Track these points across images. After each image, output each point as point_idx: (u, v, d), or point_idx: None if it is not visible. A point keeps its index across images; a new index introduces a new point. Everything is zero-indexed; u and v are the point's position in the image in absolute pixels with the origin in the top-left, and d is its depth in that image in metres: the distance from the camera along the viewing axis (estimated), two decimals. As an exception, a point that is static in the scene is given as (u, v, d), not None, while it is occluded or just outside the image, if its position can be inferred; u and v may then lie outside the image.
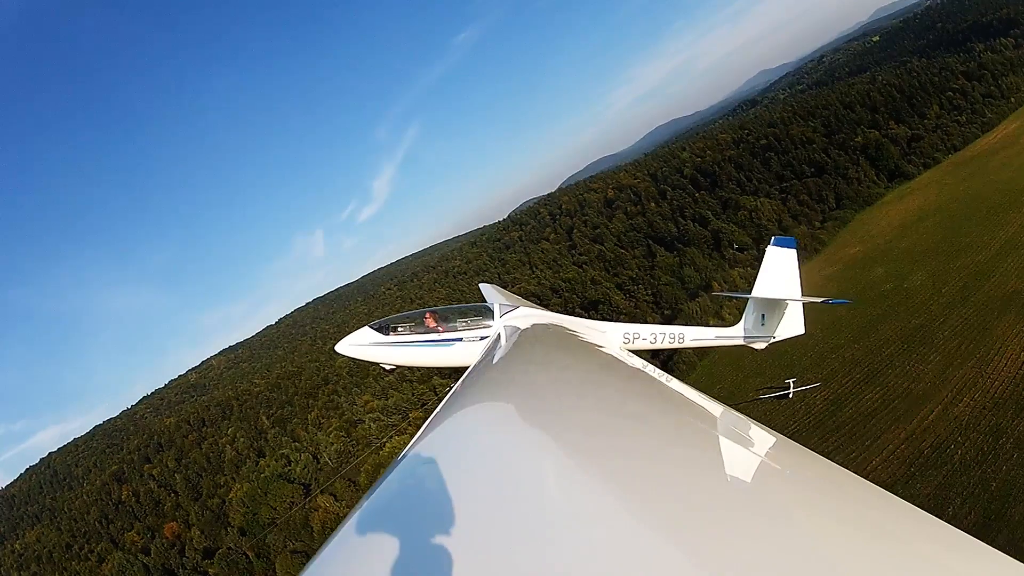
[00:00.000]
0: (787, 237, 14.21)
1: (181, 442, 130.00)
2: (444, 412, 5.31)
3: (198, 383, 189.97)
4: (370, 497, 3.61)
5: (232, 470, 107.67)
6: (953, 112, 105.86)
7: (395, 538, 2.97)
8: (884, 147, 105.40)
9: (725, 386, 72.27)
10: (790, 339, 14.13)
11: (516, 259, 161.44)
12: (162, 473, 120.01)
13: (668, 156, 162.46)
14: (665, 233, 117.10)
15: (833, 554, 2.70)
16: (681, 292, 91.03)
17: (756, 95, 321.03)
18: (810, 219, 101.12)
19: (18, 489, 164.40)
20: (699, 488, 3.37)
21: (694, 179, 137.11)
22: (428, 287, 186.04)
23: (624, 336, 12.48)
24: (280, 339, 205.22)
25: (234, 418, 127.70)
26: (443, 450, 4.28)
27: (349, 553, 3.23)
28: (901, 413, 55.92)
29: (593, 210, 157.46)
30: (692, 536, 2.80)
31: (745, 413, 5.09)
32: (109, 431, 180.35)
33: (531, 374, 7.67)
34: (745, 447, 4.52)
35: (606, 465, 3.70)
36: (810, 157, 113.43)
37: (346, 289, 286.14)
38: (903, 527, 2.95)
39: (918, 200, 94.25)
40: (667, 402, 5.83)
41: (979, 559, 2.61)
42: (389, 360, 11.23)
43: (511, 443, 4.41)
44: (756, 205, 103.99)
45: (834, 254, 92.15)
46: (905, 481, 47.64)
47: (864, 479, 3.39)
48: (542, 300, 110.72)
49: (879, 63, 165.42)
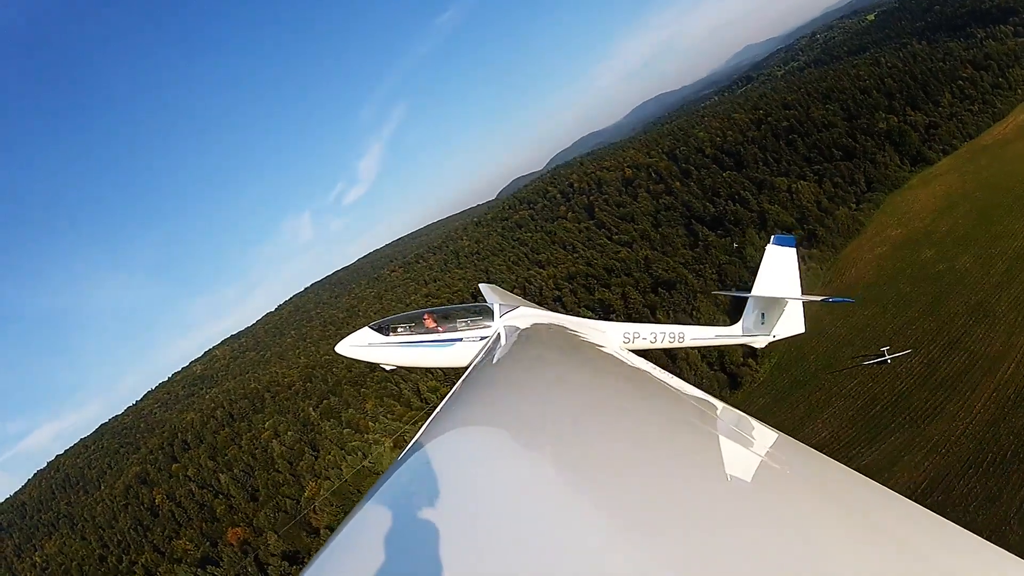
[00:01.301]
0: (787, 236, 14.31)
1: (212, 439, 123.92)
2: (444, 413, 5.38)
3: (204, 375, 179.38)
4: (361, 510, 3.61)
5: (287, 467, 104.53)
6: (965, 101, 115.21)
7: (388, 549, 2.98)
8: (906, 133, 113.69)
9: (819, 355, 79.34)
10: (789, 337, 14.33)
11: (535, 238, 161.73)
12: (200, 473, 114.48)
13: (680, 135, 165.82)
14: (703, 213, 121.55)
15: (833, 552, 2.76)
16: (744, 271, 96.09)
17: (748, 70, 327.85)
18: (846, 201, 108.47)
19: (28, 496, 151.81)
20: (700, 488, 3.44)
21: (716, 159, 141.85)
22: (439, 268, 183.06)
23: (624, 336, 12.62)
24: (284, 326, 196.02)
25: (269, 411, 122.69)
26: (441, 457, 4.22)
27: (349, 555, 3.25)
28: (986, 370, 64.98)
29: (612, 188, 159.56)
30: (692, 537, 2.86)
31: (849, 378, 6.20)
32: (117, 429, 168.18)
33: (531, 375, 7.71)
34: (747, 446, 4.57)
35: (606, 465, 3.76)
36: (836, 141, 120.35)
37: (343, 273, 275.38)
38: (903, 524, 3.00)
39: (943, 186, 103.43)
40: (668, 402, 5.89)
41: (980, 557, 2.64)
42: (389, 361, 11.28)
43: (511, 444, 4.45)
44: (796, 187, 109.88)
45: (877, 235, 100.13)
46: (1002, 418, 57.67)
47: (864, 476, 3.45)
48: (599, 281, 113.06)
49: (878, 43, 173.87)
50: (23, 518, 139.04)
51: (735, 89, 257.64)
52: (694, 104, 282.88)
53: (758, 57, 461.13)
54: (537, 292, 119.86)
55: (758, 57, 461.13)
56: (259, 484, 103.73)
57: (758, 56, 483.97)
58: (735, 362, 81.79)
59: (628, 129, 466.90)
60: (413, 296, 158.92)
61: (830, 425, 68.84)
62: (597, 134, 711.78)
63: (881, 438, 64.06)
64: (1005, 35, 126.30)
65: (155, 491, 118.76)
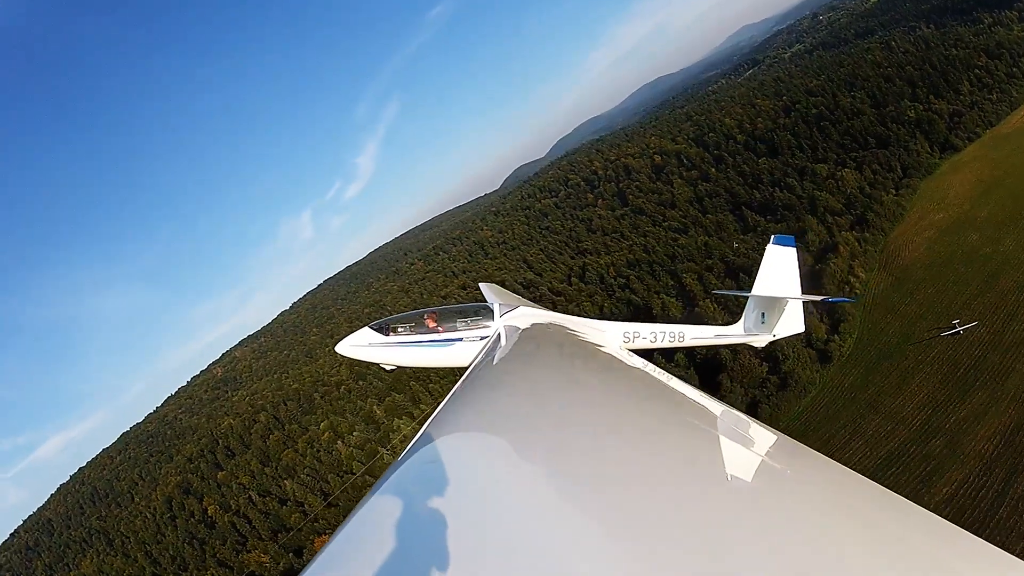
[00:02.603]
0: (787, 236, 14.46)
1: (261, 444, 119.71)
2: (444, 415, 5.45)
3: (227, 377, 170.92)
4: (355, 517, 3.63)
5: (359, 468, 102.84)
6: (984, 90, 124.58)
7: (383, 556, 2.97)
8: (934, 122, 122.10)
9: (896, 331, 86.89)
10: (789, 337, 14.52)
11: (569, 227, 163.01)
12: (256, 481, 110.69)
13: (703, 121, 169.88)
14: (750, 199, 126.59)
15: (834, 552, 2.83)
16: (809, 256, 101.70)
17: (749, 52, 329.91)
18: (885, 187, 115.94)
19: (53, 512, 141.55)
20: (701, 489, 3.51)
21: (748, 145, 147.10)
22: (464, 259, 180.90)
23: (624, 335, 12.81)
24: (304, 324, 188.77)
25: (323, 411, 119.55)
26: (439, 463, 4.22)
27: (350, 554, 3.30)
28: (1051, 337, 73.68)
29: (643, 175, 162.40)
30: (692, 537, 2.90)
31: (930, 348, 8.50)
32: (142, 438, 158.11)
33: (531, 376, 7.85)
34: (747, 447, 4.60)
35: (605, 468, 3.80)
36: (869, 128, 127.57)
37: (355, 268, 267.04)
38: (903, 524, 3.06)
39: (972, 172, 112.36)
40: (667, 402, 5.95)
41: (979, 557, 2.69)
42: (389, 360, 11.46)
43: (511, 449, 4.48)
44: (842, 174, 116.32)
45: (920, 220, 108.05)
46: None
47: (863, 476, 3.48)
48: (663, 268, 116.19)
49: (885, 26, 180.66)
50: (51, 536, 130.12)
51: (741, 72, 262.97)
52: (699, 87, 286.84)
53: (756, 37, 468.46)
54: (597, 279, 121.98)
55: (756, 37, 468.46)
56: (333, 488, 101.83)
57: (756, 36, 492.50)
58: (820, 339, 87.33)
59: (629, 113, 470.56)
60: (446, 288, 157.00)
61: (924, 388, 76.03)
62: (597, 119, 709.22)
63: (969, 395, 71.62)
64: (1011, 20, 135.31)
65: (205, 501, 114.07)
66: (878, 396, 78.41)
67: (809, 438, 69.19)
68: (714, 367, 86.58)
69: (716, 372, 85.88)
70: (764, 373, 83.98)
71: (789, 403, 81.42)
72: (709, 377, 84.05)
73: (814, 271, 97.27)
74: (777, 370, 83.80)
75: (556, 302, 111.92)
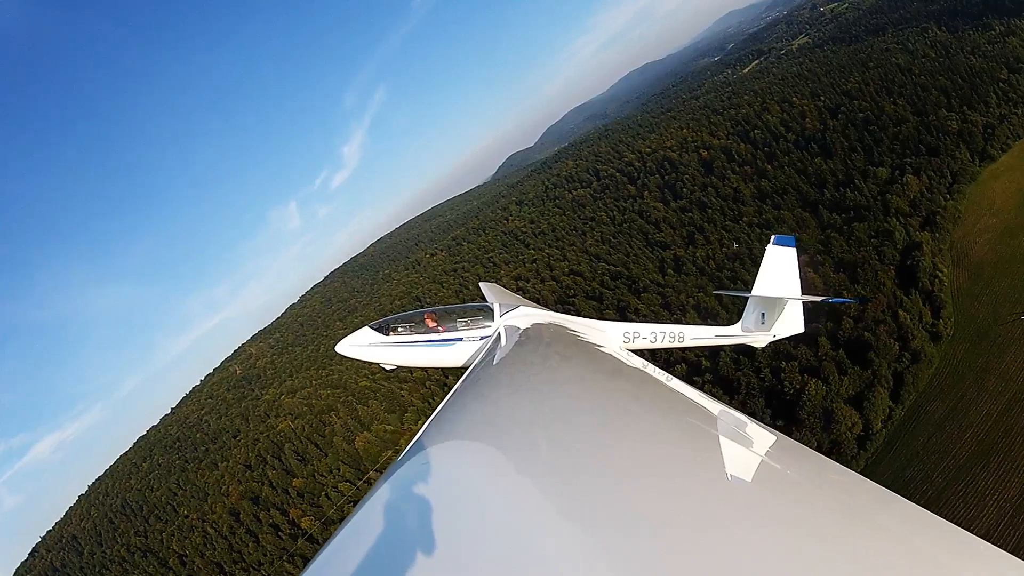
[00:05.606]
0: (787, 236, 14.68)
1: (344, 447, 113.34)
2: (444, 416, 5.61)
3: (248, 375, 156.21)
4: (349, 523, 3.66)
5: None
6: (1009, 104, 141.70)
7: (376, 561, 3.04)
8: (973, 133, 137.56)
9: (984, 315, 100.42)
10: (789, 337, 14.77)
11: (619, 218, 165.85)
12: (358, 491, 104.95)
13: (740, 116, 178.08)
14: (819, 198, 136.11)
15: (834, 552, 2.85)
16: (894, 252, 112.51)
17: (748, 41, 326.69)
18: (940, 192, 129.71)
19: (78, 527, 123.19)
20: (700, 490, 3.54)
21: (798, 145, 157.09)
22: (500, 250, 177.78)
23: (624, 335, 13.09)
24: (323, 317, 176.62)
25: (414, 410, 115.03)
26: (437, 468, 4.24)
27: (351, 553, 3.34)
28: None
29: (692, 169, 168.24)
30: (693, 538, 2.94)
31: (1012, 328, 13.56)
32: (166, 443, 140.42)
33: (531, 376, 8.02)
34: (747, 447, 4.69)
35: (605, 469, 3.89)
36: (915, 136, 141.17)
37: (364, 260, 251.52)
38: (903, 524, 3.09)
39: (1012, 181, 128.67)
40: (667, 403, 6.08)
41: (979, 557, 2.72)
42: (389, 360, 11.66)
43: (511, 451, 4.53)
44: (907, 179, 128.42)
45: (977, 223, 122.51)
46: None
47: (862, 476, 3.59)
48: (756, 258, 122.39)
49: (895, 24, 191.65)
50: (79, 555, 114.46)
51: (744, 62, 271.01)
52: (694, 76, 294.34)
53: (745, 23, 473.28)
54: (697, 272, 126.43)
55: (745, 23, 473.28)
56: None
57: (744, 22, 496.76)
58: (928, 322, 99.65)
59: (618, 99, 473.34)
60: (497, 280, 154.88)
61: (1020, 357, 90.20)
62: (585, 106, 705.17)
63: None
64: (1022, 30, 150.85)
65: (292, 512, 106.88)
66: (987, 362, 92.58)
67: (947, 393, 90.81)
68: (862, 346, 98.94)
69: (865, 350, 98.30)
70: (897, 351, 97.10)
71: (922, 371, 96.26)
72: (860, 354, 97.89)
73: (905, 267, 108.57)
74: (908, 348, 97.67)
75: (664, 294, 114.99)
